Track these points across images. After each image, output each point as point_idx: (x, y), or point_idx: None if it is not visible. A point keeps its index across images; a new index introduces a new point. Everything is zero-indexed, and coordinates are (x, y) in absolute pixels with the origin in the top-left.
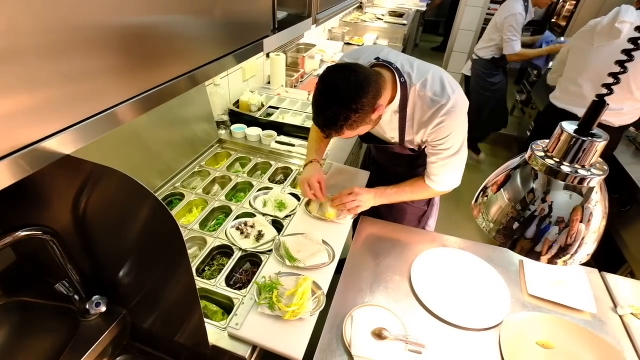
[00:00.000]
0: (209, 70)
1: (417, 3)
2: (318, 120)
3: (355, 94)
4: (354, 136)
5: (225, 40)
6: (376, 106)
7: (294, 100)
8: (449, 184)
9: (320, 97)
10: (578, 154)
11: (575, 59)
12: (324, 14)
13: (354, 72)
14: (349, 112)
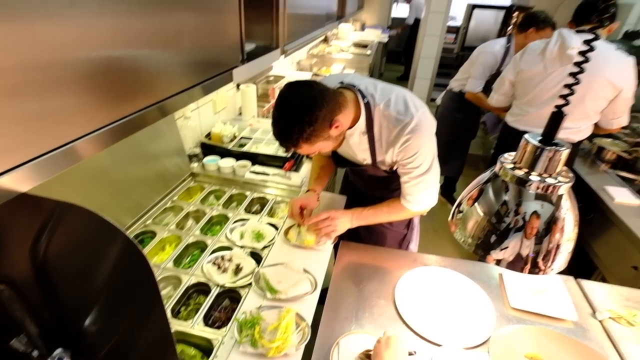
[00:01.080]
0: (178, 101)
1: (378, 35)
2: (274, 133)
3: (308, 106)
4: (315, 152)
5: (194, 71)
6: (333, 121)
7: (267, 129)
8: (424, 204)
9: (276, 111)
10: (544, 163)
11: (529, 84)
12: (291, 45)
13: (308, 87)
14: (302, 125)
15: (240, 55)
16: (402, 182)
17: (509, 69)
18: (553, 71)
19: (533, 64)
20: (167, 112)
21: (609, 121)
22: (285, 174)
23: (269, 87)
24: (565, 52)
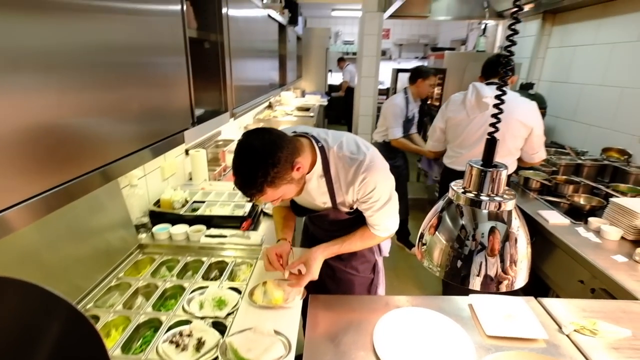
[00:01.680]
0: (126, 164)
1: (318, 99)
2: (237, 182)
3: (269, 148)
4: (279, 198)
5: (143, 135)
6: (295, 163)
7: (220, 192)
8: (390, 229)
9: (237, 159)
10: (489, 183)
11: (457, 130)
12: (239, 109)
13: (267, 132)
14: (266, 167)
15: (191, 119)
16: (365, 215)
17: (438, 118)
18: (475, 117)
19: (457, 112)
20: (113, 177)
21: (530, 156)
22: (244, 234)
23: (219, 151)
24: (481, 100)
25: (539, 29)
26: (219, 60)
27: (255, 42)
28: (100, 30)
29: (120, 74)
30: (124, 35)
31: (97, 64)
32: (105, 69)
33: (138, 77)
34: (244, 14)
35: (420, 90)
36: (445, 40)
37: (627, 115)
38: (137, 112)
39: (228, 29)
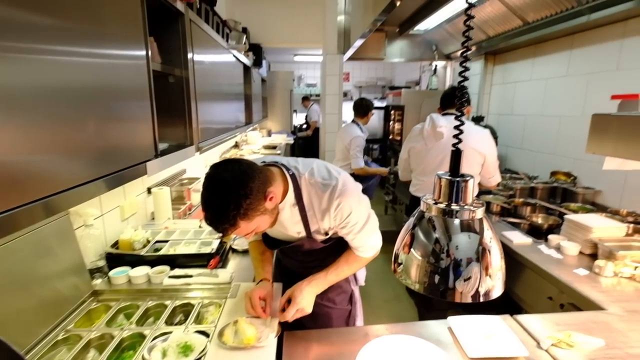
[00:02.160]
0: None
1: (285, 138)
2: (207, 217)
3: (240, 179)
4: (253, 231)
5: (101, 165)
6: (267, 193)
7: (185, 230)
8: (374, 248)
9: (206, 192)
10: (458, 193)
11: (418, 158)
12: (205, 143)
13: (236, 163)
14: (238, 199)
15: (154, 151)
16: (347, 239)
17: (403, 150)
18: (432, 146)
19: (417, 141)
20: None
21: (487, 180)
22: (212, 272)
23: (184, 189)
24: (436, 130)
25: (482, 68)
26: (184, 96)
27: (221, 82)
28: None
29: (80, 109)
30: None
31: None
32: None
33: (98, 111)
34: (210, 54)
35: (366, 120)
36: (401, 81)
37: (567, 141)
38: (95, 143)
39: (193, 67)
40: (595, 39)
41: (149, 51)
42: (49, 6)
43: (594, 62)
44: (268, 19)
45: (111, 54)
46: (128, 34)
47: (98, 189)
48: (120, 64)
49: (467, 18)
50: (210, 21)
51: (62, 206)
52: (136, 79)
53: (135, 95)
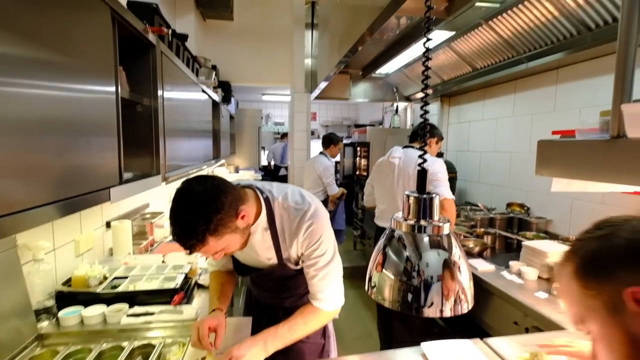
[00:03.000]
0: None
1: (252, 175)
2: (175, 232)
3: (212, 193)
4: (222, 250)
5: (60, 189)
6: (239, 210)
7: (146, 265)
8: (335, 300)
9: (176, 204)
10: (426, 210)
11: (380, 188)
12: (172, 173)
13: (209, 178)
14: (208, 213)
15: (119, 178)
16: (309, 281)
17: (369, 178)
18: (387, 175)
19: (378, 172)
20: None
21: None
22: (175, 309)
23: (146, 224)
24: (389, 160)
25: (439, 108)
26: (151, 126)
27: (190, 115)
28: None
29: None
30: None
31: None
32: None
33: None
34: (179, 87)
35: (333, 152)
36: (365, 121)
37: (519, 175)
38: (55, 166)
39: (163, 98)
40: (535, 84)
41: (119, 82)
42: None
43: (535, 104)
44: (237, 58)
45: (79, 87)
46: (98, 65)
47: (55, 212)
48: (88, 96)
49: (424, 69)
50: (181, 55)
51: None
52: (104, 108)
53: (102, 122)
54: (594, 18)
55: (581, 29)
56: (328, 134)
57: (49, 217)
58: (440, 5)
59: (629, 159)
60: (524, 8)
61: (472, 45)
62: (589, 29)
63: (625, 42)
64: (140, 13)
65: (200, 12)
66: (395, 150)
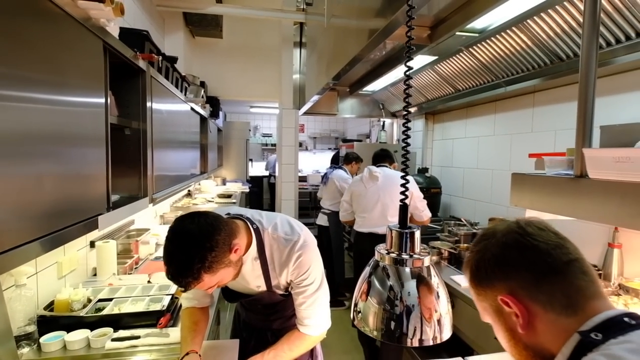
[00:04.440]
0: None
1: (240, 187)
2: (170, 271)
3: (207, 232)
4: (215, 285)
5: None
6: (232, 245)
7: (132, 286)
8: (321, 325)
9: (170, 244)
10: (408, 243)
11: (359, 199)
12: (159, 194)
13: (202, 216)
14: (203, 252)
15: (106, 204)
16: (297, 307)
17: (346, 194)
18: (370, 187)
19: (357, 186)
20: None
21: (419, 216)
22: (162, 332)
23: (131, 242)
24: (373, 174)
25: (424, 125)
26: (140, 147)
27: (178, 132)
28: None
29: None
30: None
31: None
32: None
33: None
34: (168, 107)
35: (353, 169)
36: (353, 134)
37: (500, 191)
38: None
39: (151, 119)
40: (513, 106)
41: (109, 107)
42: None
43: (514, 124)
44: (225, 74)
45: (67, 109)
46: (89, 89)
47: (42, 248)
48: (77, 121)
49: (406, 96)
50: (170, 77)
51: None
52: (93, 133)
53: (91, 146)
54: (565, 50)
55: (554, 59)
56: (353, 152)
57: (35, 253)
58: (423, 33)
59: (591, 197)
60: (501, 38)
61: (453, 69)
62: (561, 60)
63: (585, 97)
64: (132, 40)
65: (190, 30)
66: (373, 168)
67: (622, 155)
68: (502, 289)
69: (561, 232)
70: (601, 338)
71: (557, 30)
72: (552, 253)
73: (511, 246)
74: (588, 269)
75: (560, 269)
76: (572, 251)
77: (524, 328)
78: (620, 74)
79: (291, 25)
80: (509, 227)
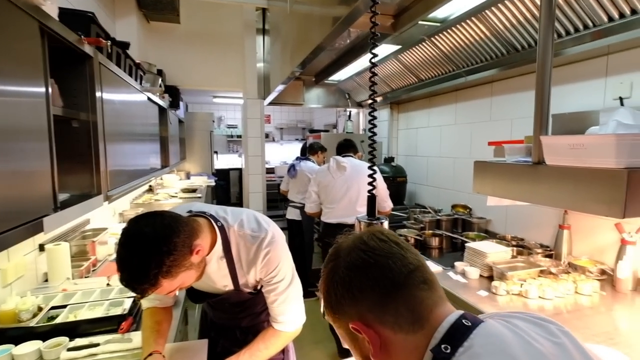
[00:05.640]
0: None
1: (205, 180)
2: (124, 277)
3: (164, 234)
4: (176, 288)
5: None
6: (193, 246)
7: (89, 290)
8: (296, 321)
9: (123, 249)
10: None
11: (327, 190)
12: (116, 191)
13: (159, 216)
14: (160, 256)
15: (53, 204)
16: (269, 305)
17: (312, 185)
18: (338, 177)
19: (324, 177)
20: None
21: (382, 206)
22: (124, 337)
23: (86, 243)
24: (340, 164)
25: (389, 115)
26: (90, 141)
27: (134, 124)
28: None
29: None
30: None
31: None
32: None
33: None
34: (122, 97)
35: (320, 159)
36: (320, 124)
37: (462, 178)
38: None
39: (102, 110)
40: (473, 96)
41: (50, 97)
42: None
43: (474, 113)
44: (185, 62)
45: (4, 94)
46: (25, 76)
47: None
48: (14, 105)
49: (371, 84)
50: (122, 64)
51: None
52: (33, 126)
53: (31, 140)
54: (520, 41)
55: (510, 50)
56: (317, 142)
57: None
58: (387, 22)
59: (547, 183)
60: (462, 28)
61: (417, 58)
62: (517, 50)
63: (542, 87)
64: (76, 22)
65: (144, 14)
66: (339, 158)
67: (576, 142)
68: (352, 314)
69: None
70: (450, 350)
71: (513, 21)
72: (392, 267)
73: (355, 266)
74: (429, 276)
75: (402, 283)
76: (412, 260)
77: (376, 355)
78: (569, 64)
79: (253, 11)
80: (353, 244)
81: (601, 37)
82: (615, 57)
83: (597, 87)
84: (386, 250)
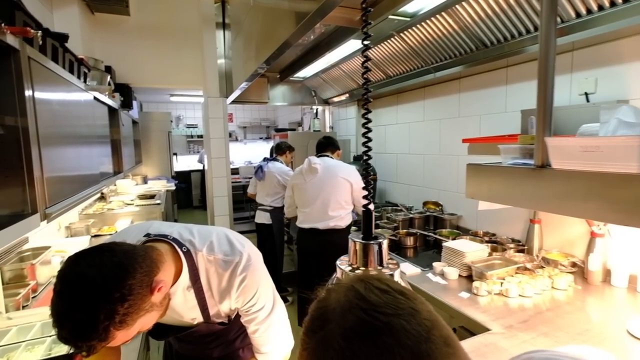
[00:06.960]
0: None
1: (164, 184)
2: (64, 335)
3: (114, 277)
4: (134, 336)
5: None
6: (154, 284)
7: (26, 327)
8: (283, 348)
9: (60, 300)
10: (374, 256)
11: (300, 193)
12: (57, 207)
13: (107, 252)
14: (111, 305)
15: None
16: (250, 335)
17: (288, 188)
18: (310, 180)
19: (298, 179)
20: None
21: (358, 207)
22: None
23: (24, 266)
24: (311, 166)
25: (357, 112)
26: (20, 149)
27: (78, 126)
28: None
29: None
30: None
31: None
32: None
33: None
34: (60, 96)
35: (288, 159)
36: (284, 123)
37: (431, 175)
38: None
39: (35, 112)
40: (441, 92)
41: None
42: None
43: (442, 110)
44: (137, 57)
45: None
46: None
47: None
48: None
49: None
50: (60, 59)
51: None
52: None
53: None
54: (489, 36)
55: (479, 45)
56: (284, 142)
57: None
58: (356, 16)
59: (555, 188)
60: (431, 23)
61: (385, 54)
62: (486, 46)
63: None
64: None
65: (87, 4)
66: (313, 159)
67: (590, 144)
68: None
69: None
70: None
71: (482, 16)
72: (408, 329)
73: (358, 333)
74: (447, 332)
75: (424, 352)
76: (427, 315)
77: None
78: (533, 61)
79: (211, 3)
80: (348, 302)
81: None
82: (580, 54)
83: (563, 84)
84: (393, 306)
